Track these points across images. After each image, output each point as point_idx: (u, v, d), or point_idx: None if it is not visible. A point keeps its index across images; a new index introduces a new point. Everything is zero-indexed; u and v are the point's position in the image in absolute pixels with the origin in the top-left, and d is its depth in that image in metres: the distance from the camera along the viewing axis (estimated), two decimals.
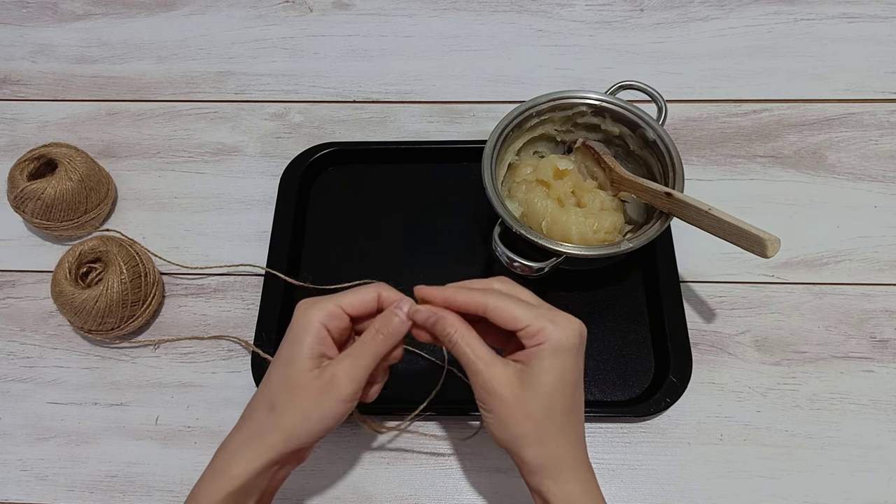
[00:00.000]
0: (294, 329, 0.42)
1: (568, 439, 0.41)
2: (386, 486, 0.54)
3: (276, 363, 0.43)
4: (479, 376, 0.41)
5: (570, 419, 0.41)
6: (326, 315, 0.41)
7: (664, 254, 0.60)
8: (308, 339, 0.41)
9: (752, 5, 0.77)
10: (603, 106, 0.59)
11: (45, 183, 0.61)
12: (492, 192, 0.54)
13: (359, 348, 0.42)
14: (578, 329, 0.41)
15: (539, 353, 0.40)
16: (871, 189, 0.65)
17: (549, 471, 0.40)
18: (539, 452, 0.40)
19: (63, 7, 0.82)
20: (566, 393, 0.40)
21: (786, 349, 0.58)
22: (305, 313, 0.42)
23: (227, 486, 0.41)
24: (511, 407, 0.40)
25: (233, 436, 0.43)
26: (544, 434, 0.40)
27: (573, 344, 0.40)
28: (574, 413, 0.41)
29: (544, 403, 0.40)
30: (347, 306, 0.42)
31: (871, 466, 0.53)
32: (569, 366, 0.40)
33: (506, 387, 0.40)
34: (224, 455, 0.42)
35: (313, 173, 0.67)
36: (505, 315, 0.40)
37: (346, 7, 0.80)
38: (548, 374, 0.40)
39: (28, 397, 0.58)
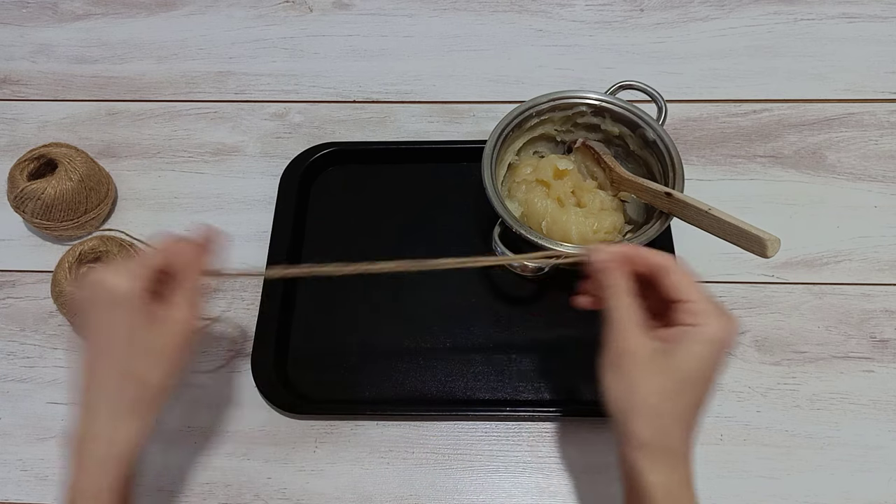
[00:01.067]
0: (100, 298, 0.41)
1: (682, 428, 0.40)
2: (386, 486, 0.54)
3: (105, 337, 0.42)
4: (624, 333, 0.40)
5: (692, 410, 0.40)
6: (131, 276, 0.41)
7: None
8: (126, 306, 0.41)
9: (752, 5, 0.77)
10: (603, 106, 0.59)
11: (45, 183, 0.61)
12: (492, 192, 0.54)
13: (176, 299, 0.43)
14: (732, 329, 0.40)
15: (692, 335, 0.39)
16: (871, 189, 0.65)
17: (652, 451, 0.40)
18: (650, 428, 0.39)
19: (63, 7, 0.82)
20: (700, 384, 0.40)
21: (786, 349, 0.58)
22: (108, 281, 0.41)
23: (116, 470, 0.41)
24: (645, 374, 0.39)
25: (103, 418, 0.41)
26: (664, 413, 0.39)
27: (722, 342, 0.39)
28: (699, 405, 0.40)
29: (677, 384, 0.39)
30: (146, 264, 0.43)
31: (871, 466, 0.53)
32: (714, 359, 0.40)
33: (642, 351, 0.40)
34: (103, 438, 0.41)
35: (313, 173, 0.67)
36: (681, 283, 0.40)
37: (346, 7, 0.80)
38: (692, 359, 0.39)
39: (28, 397, 0.58)
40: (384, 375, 0.57)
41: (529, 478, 0.54)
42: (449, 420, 0.56)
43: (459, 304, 0.60)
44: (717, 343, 0.39)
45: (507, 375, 0.57)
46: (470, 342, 0.59)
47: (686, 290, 0.40)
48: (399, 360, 0.58)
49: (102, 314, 0.41)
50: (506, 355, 0.58)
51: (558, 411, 0.55)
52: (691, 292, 0.40)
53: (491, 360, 0.58)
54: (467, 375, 0.57)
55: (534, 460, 0.54)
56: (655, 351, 0.40)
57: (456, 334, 0.59)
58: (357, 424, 0.56)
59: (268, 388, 0.56)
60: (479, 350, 0.58)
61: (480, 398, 0.56)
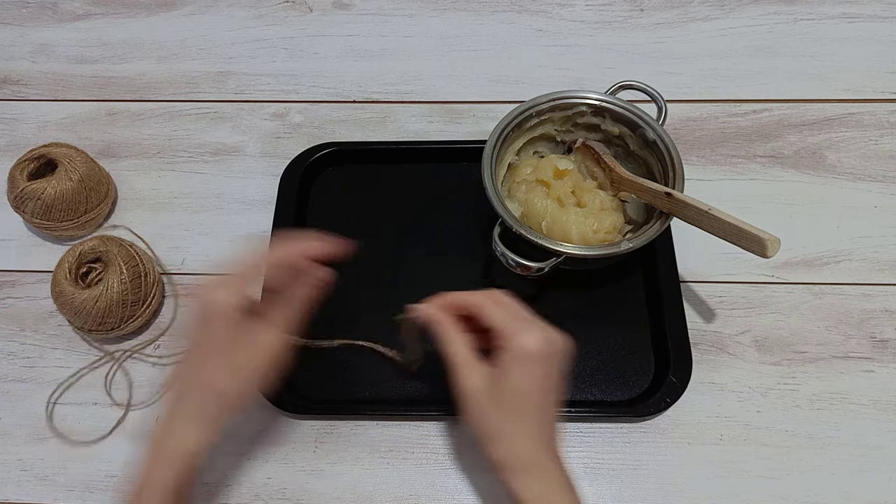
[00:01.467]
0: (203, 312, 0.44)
1: (534, 441, 0.43)
2: (386, 486, 0.54)
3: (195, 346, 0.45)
4: (456, 375, 0.44)
5: (537, 422, 0.43)
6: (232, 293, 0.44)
7: (664, 254, 0.60)
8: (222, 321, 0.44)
9: (752, 5, 0.77)
10: (603, 106, 0.59)
11: (45, 183, 0.61)
12: (492, 192, 0.54)
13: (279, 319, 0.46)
14: (550, 340, 0.43)
15: (511, 356, 0.42)
16: (871, 189, 0.65)
17: (514, 469, 0.42)
18: (503, 450, 0.42)
19: (63, 7, 0.82)
20: (535, 396, 0.43)
21: (786, 349, 0.58)
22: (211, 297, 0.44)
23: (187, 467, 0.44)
24: (480, 406, 0.43)
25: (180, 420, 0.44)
26: (509, 434, 0.42)
27: (540, 353, 0.42)
28: (542, 417, 0.43)
29: (509, 405, 0.42)
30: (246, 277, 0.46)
31: (871, 466, 0.53)
32: (537, 373, 0.42)
33: (477, 387, 0.43)
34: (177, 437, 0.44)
35: (313, 173, 0.67)
36: (493, 313, 0.43)
37: (346, 7, 0.80)
38: (514, 379, 0.42)
39: (28, 397, 0.58)
40: (384, 375, 0.57)
41: None
42: (449, 420, 0.56)
43: None
44: (536, 355, 0.42)
45: None
46: None
47: (497, 318, 0.43)
48: None
49: (199, 325, 0.45)
50: None
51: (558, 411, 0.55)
52: (502, 319, 0.43)
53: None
54: None
55: None
56: (491, 382, 0.43)
57: None
58: (357, 424, 0.56)
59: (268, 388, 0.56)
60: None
61: None
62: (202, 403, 0.44)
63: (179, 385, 0.46)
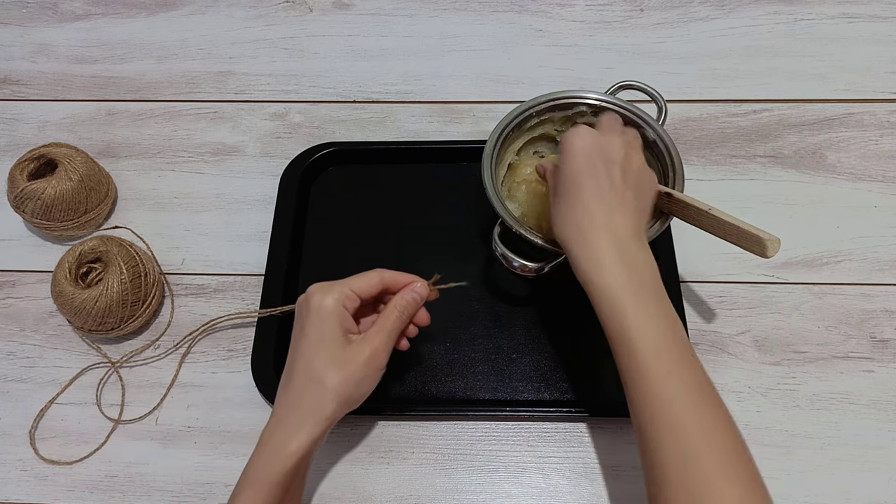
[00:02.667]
0: (317, 312, 0.46)
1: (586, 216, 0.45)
2: (386, 486, 0.54)
3: (307, 344, 0.46)
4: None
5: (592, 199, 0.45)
6: (343, 297, 0.46)
7: (664, 254, 0.60)
8: (335, 319, 0.46)
9: (752, 5, 0.77)
10: (603, 106, 0.58)
11: (45, 183, 0.61)
12: (492, 192, 0.54)
13: (388, 325, 0.47)
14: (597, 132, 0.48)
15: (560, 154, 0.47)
16: (871, 189, 0.65)
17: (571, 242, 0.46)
18: (558, 228, 0.47)
19: (63, 7, 0.82)
20: (578, 180, 0.46)
21: (786, 349, 0.58)
22: (324, 298, 0.46)
23: (288, 463, 0.44)
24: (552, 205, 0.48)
25: (283, 416, 0.46)
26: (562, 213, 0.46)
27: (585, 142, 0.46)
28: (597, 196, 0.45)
29: (562, 190, 0.47)
30: (357, 290, 0.47)
31: (871, 466, 0.53)
32: (581, 158, 0.46)
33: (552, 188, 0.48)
34: (280, 434, 0.45)
35: (313, 173, 0.67)
36: None
37: (346, 7, 0.80)
38: (562, 168, 0.47)
39: (28, 397, 0.58)
40: (384, 376, 0.57)
41: (529, 478, 0.54)
42: (449, 420, 0.56)
43: (459, 304, 0.60)
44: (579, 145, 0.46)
45: (507, 375, 0.57)
46: (470, 342, 0.59)
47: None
48: (399, 360, 0.58)
49: (307, 325, 0.46)
50: (506, 355, 0.58)
51: (558, 411, 0.55)
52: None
53: (491, 360, 0.58)
54: (467, 375, 0.57)
55: (534, 460, 0.54)
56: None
57: (456, 334, 0.59)
58: (357, 424, 0.56)
59: (268, 388, 0.56)
60: (479, 350, 0.58)
61: (480, 398, 0.56)
62: (305, 397, 0.45)
63: (286, 380, 0.47)
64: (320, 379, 0.45)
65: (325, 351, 0.45)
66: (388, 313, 0.48)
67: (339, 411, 0.46)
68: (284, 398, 0.46)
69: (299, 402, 0.45)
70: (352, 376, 0.45)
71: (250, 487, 0.44)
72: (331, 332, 0.46)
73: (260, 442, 0.46)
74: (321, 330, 0.46)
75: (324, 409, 0.45)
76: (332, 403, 0.45)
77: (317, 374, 0.45)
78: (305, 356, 0.46)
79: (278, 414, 0.46)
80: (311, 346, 0.46)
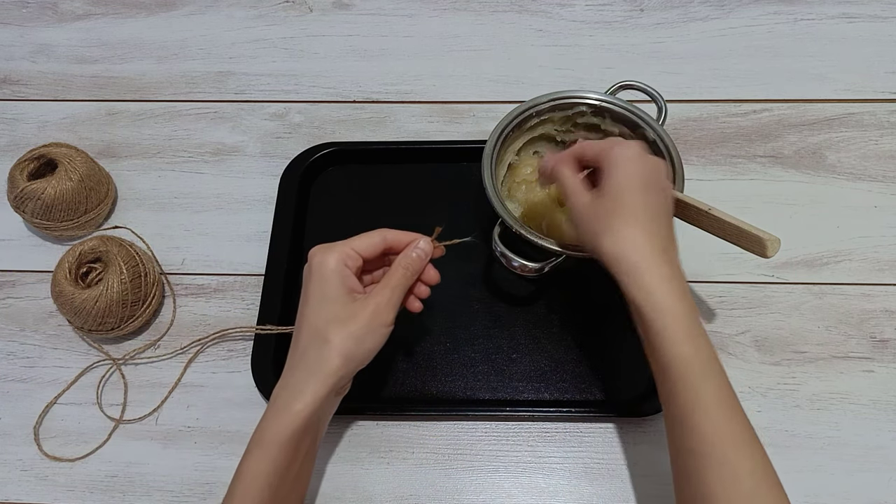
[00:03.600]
0: (318, 271, 0.46)
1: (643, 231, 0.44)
2: (386, 486, 0.54)
3: (309, 304, 0.46)
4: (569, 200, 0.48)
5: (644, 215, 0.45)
6: (344, 256, 0.46)
7: None
8: (336, 277, 0.46)
9: (752, 5, 0.77)
10: (603, 106, 0.59)
11: (45, 183, 0.61)
12: (492, 192, 0.54)
13: (392, 281, 0.47)
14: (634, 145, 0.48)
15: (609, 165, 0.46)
16: (871, 189, 0.65)
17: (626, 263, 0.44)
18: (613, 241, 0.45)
19: (63, 7, 0.82)
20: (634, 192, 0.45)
21: (786, 349, 0.58)
22: (324, 258, 0.46)
23: (294, 422, 0.44)
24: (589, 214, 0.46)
25: (289, 376, 0.46)
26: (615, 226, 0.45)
27: (636, 154, 0.46)
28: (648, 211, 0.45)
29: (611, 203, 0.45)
30: (359, 248, 0.47)
31: (871, 466, 0.53)
32: (634, 171, 0.46)
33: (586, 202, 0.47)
34: (285, 393, 0.45)
35: (313, 173, 0.67)
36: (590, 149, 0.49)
37: (346, 7, 0.80)
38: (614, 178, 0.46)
39: (28, 397, 0.58)
40: (384, 375, 0.57)
41: (529, 478, 0.54)
42: (449, 420, 0.56)
43: (459, 304, 0.60)
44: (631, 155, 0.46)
45: (507, 375, 0.57)
46: (470, 342, 0.59)
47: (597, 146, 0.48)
48: (399, 360, 0.58)
49: (310, 285, 0.46)
50: (506, 355, 0.58)
51: (558, 411, 0.55)
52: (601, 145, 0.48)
53: (491, 360, 0.58)
54: (467, 375, 0.57)
55: (534, 460, 0.54)
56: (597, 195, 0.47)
57: (456, 334, 0.59)
58: (357, 424, 0.56)
59: (268, 388, 0.56)
60: (479, 350, 0.58)
61: (480, 398, 0.56)
62: (311, 353, 0.45)
63: (295, 339, 0.47)
64: (324, 336, 0.45)
65: (327, 308, 0.45)
66: (392, 270, 0.47)
67: (343, 368, 0.45)
68: (291, 359, 0.46)
69: (303, 360, 0.45)
70: (354, 332, 0.45)
71: (257, 448, 0.44)
72: (333, 290, 0.45)
73: (269, 403, 0.46)
74: (323, 288, 0.46)
75: (328, 366, 0.44)
76: (336, 359, 0.44)
77: (320, 332, 0.45)
78: (308, 316, 0.46)
79: (285, 375, 0.46)
80: (314, 305, 0.46)
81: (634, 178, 0.46)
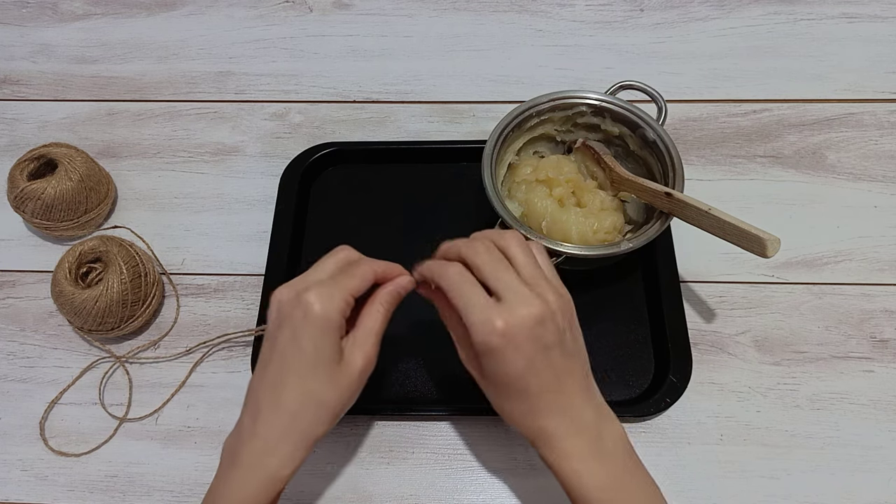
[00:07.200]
0: (319, 324, 0.41)
1: (548, 412, 0.42)
2: (386, 486, 0.54)
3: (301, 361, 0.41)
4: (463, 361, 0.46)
5: (535, 396, 0.41)
6: (345, 306, 0.42)
7: (664, 254, 0.60)
8: (337, 333, 0.42)
9: (752, 5, 0.77)
10: (603, 106, 0.59)
11: (45, 183, 0.61)
12: (492, 192, 0.54)
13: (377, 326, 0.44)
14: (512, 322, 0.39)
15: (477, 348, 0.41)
16: (871, 189, 0.65)
17: (542, 442, 0.42)
18: (522, 427, 0.43)
19: (63, 7, 0.82)
20: (514, 384, 0.41)
21: (786, 349, 0.58)
22: (327, 308, 0.41)
23: (278, 488, 0.43)
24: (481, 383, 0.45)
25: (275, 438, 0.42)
26: (507, 411, 0.43)
27: (494, 346, 0.40)
28: (543, 391, 0.41)
29: (499, 392, 0.43)
30: (355, 293, 0.43)
31: (871, 466, 0.53)
32: (506, 362, 0.40)
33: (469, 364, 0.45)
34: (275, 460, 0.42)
35: (313, 173, 0.67)
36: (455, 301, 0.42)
37: (346, 7, 0.80)
38: (489, 368, 0.42)
39: (28, 397, 0.58)
40: (384, 375, 0.57)
41: (529, 478, 0.54)
42: (449, 420, 0.56)
43: None
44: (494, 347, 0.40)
45: None
46: None
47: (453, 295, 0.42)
48: (399, 359, 0.58)
49: (305, 337, 0.41)
50: None
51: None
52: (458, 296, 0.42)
53: None
54: (467, 375, 0.57)
55: (534, 460, 0.54)
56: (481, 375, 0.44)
57: None
58: (357, 424, 0.56)
59: None
60: None
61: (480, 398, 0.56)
62: (310, 421, 0.42)
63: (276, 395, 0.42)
64: (319, 400, 0.42)
65: (323, 369, 0.41)
66: (374, 313, 0.44)
67: (333, 424, 0.43)
68: (275, 418, 0.42)
69: (295, 425, 0.42)
70: (346, 392, 0.42)
71: None
72: (330, 349, 0.41)
73: (241, 462, 0.42)
74: (321, 346, 0.41)
75: (319, 430, 0.42)
76: (328, 423, 0.43)
77: (315, 396, 0.42)
78: (301, 375, 0.42)
79: (266, 436, 0.42)
80: (308, 364, 0.41)
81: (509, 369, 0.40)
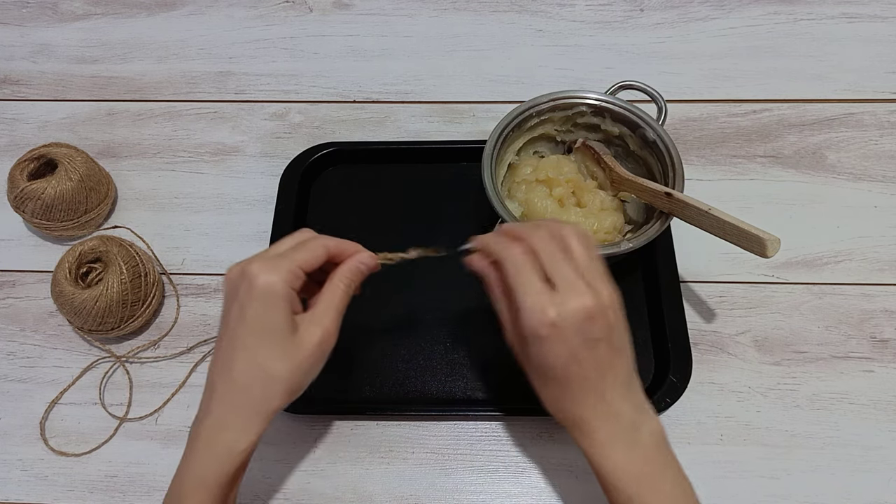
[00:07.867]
0: (264, 296, 0.40)
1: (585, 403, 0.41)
2: (386, 486, 0.54)
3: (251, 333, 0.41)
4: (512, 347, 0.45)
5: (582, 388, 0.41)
6: (292, 277, 0.41)
7: (664, 254, 0.60)
8: (285, 304, 0.41)
9: (752, 5, 0.77)
10: (603, 106, 0.59)
11: (45, 183, 0.61)
12: (492, 192, 0.54)
13: (335, 302, 0.43)
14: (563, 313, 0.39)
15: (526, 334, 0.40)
16: (871, 189, 0.65)
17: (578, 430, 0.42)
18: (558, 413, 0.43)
19: (63, 7, 0.82)
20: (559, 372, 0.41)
21: (786, 349, 0.58)
22: (271, 280, 0.40)
23: (237, 462, 0.42)
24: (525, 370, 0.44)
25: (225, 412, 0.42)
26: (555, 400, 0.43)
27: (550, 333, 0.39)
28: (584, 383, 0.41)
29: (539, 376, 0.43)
30: (305, 265, 0.42)
31: (871, 466, 0.53)
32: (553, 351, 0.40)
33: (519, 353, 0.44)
34: (225, 432, 0.42)
35: (313, 173, 0.67)
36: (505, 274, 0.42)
37: (346, 7, 0.80)
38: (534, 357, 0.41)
39: (28, 397, 0.58)
40: (384, 375, 0.57)
41: (529, 478, 0.54)
42: (449, 420, 0.56)
43: (459, 303, 0.60)
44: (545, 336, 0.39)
45: (507, 375, 0.57)
46: (470, 342, 0.59)
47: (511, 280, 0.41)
48: (399, 360, 0.58)
49: (250, 309, 0.41)
50: (506, 355, 0.58)
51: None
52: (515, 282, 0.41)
53: (491, 360, 0.58)
54: (467, 375, 0.57)
55: (534, 460, 0.54)
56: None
57: (456, 334, 0.59)
58: (357, 424, 0.56)
59: None
60: (479, 350, 0.58)
61: (480, 398, 0.56)
62: (254, 390, 0.41)
63: (227, 371, 0.42)
64: (269, 373, 0.41)
65: (272, 341, 0.41)
66: (334, 288, 0.43)
67: (288, 401, 0.42)
68: (226, 393, 0.42)
69: (246, 398, 0.41)
70: (301, 365, 0.41)
71: (196, 492, 0.41)
72: (280, 320, 0.40)
73: (199, 441, 0.42)
74: (267, 318, 0.40)
75: (272, 403, 0.41)
76: (283, 396, 0.42)
77: (264, 368, 0.41)
78: (249, 347, 0.41)
79: (218, 412, 0.42)
80: (256, 336, 0.41)
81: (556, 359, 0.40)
